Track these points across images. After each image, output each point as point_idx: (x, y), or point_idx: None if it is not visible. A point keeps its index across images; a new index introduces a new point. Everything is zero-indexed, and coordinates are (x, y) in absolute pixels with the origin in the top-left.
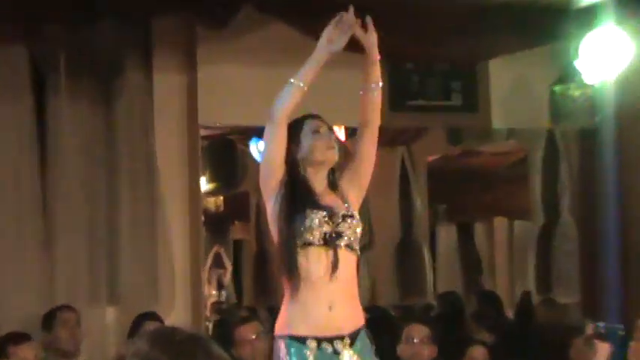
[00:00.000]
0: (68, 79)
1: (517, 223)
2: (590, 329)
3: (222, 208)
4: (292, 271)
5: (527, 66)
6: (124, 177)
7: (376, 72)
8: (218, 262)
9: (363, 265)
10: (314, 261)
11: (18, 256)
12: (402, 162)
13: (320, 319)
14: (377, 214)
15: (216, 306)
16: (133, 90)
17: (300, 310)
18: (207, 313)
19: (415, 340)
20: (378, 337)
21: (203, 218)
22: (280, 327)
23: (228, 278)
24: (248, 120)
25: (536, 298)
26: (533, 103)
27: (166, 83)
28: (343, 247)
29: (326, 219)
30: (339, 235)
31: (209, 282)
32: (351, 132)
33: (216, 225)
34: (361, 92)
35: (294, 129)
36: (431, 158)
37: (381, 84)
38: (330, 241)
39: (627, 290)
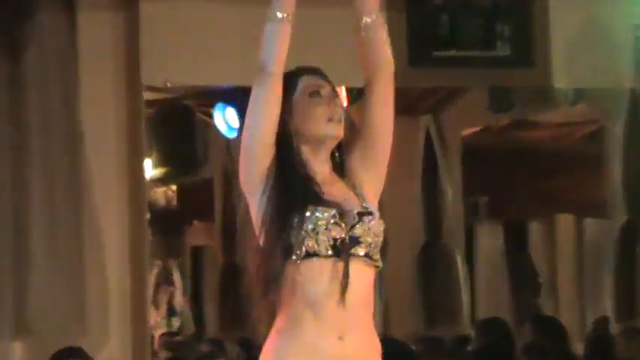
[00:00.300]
0: None
1: (589, 221)
2: None
3: (174, 203)
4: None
5: (602, 3)
6: (35, 158)
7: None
8: (168, 279)
9: (374, 282)
10: (318, 278)
11: None
12: (427, 137)
13: (327, 354)
14: (392, 211)
15: (167, 338)
16: (48, 36)
17: (297, 343)
18: (155, 347)
19: None
20: None
21: (148, 216)
22: None
23: (181, 300)
24: (211, 79)
25: (615, 327)
26: (610, 53)
27: (95, 26)
28: (360, 258)
29: (336, 219)
30: (356, 242)
31: (156, 306)
32: (355, 95)
33: (166, 226)
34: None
35: (285, 89)
36: (467, 132)
37: (376, 16)
38: (343, 250)
39: None
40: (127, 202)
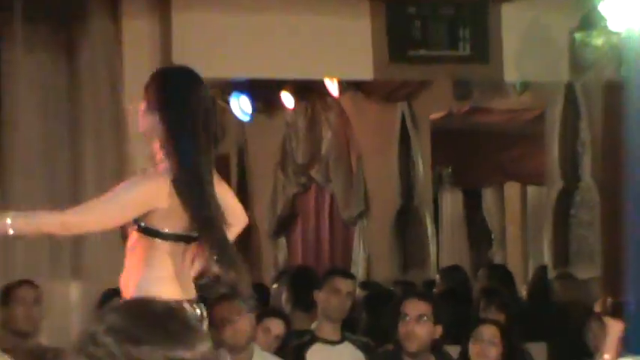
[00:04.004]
0: (25, 26)
1: (531, 188)
2: (598, 306)
3: None
4: None
5: (544, 10)
6: (89, 138)
7: None
8: None
9: (358, 237)
10: None
11: None
12: (403, 119)
13: None
14: (373, 179)
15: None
16: (98, 38)
17: None
18: None
19: (409, 318)
20: (375, 315)
21: None
22: None
23: None
24: (228, 72)
25: (552, 273)
26: (551, 52)
27: (136, 30)
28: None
29: None
30: None
31: None
32: (346, 86)
33: None
34: None
35: None
36: (435, 115)
37: None
38: None
39: None
40: None
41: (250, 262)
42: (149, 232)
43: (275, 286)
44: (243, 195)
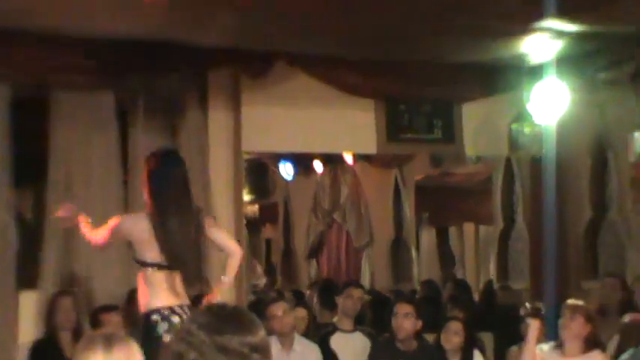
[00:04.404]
0: (144, 116)
1: (482, 227)
2: (522, 310)
3: (257, 214)
4: None
5: (491, 108)
6: None
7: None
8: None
9: (365, 259)
10: None
11: None
12: (396, 180)
13: None
14: (376, 220)
15: (253, 288)
16: (192, 125)
17: None
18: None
19: (399, 315)
20: (377, 313)
21: (244, 221)
22: None
23: (260, 267)
24: (278, 147)
25: (496, 285)
26: (495, 136)
27: (217, 119)
28: None
29: None
30: None
31: (250, 270)
32: (357, 157)
33: (253, 226)
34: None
35: None
36: (417, 177)
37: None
38: None
39: (563, 279)
40: (234, 214)
41: (292, 276)
42: (139, 262)
43: (308, 292)
44: (287, 230)
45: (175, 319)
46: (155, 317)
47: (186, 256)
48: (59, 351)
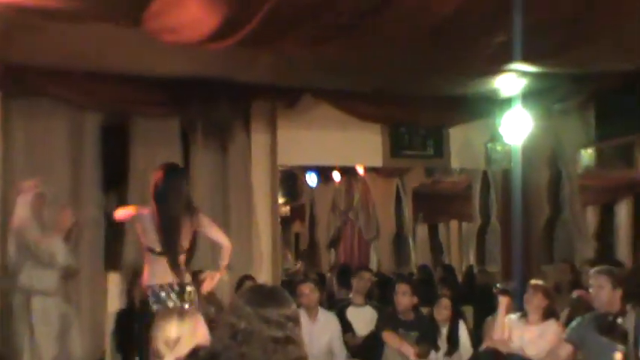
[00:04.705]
0: (202, 138)
1: (464, 224)
2: (495, 289)
3: (289, 213)
4: None
5: (471, 131)
6: (233, 195)
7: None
8: (286, 245)
9: (373, 248)
10: None
11: None
12: (397, 187)
13: None
14: (381, 218)
15: (285, 272)
16: (238, 144)
17: None
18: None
19: (399, 293)
20: (382, 290)
21: (279, 219)
22: None
23: (292, 255)
24: (306, 161)
25: (475, 269)
26: (474, 153)
27: (258, 140)
28: None
29: None
30: None
31: (283, 257)
32: (367, 169)
33: (285, 223)
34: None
35: None
36: (414, 185)
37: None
38: None
39: (527, 264)
40: (271, 213)
41: (316, 262)
42: (147, 249)
43: (329, 274)
44: (312, 226)
45: (163, 293)
46: (149, 291)
47: (171, 248)
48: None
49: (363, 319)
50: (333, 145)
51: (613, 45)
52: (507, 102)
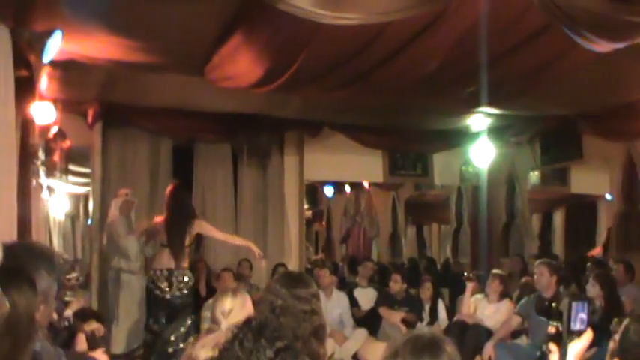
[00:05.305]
0: (247, 159)
1: (443, 226)
2: (464, 276)
3: (311, 217)
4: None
5: (450, 156)
6: (270, 203)
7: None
8: (308, 240)
9: (374, 244)
10: None
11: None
12: (393, 198)
13: None
14: (381, 221)
15: (307, 261)
16: (275, 165)
17: None
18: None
19: (393, 279)
20: (382, 276)
21: (304, 222)
22: None
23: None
24: (324, 177)
25: (451, 260)
26: (452, 173)
27: (290, 161)
28: None
29: None
30: None
31: (307, 249)
32: (371, 184)
33: (308, 224)
34: None
35: None
36: (406, 196)
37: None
38: None
39: (489, 257)
40: (298, 217)
41: (331, 253)
42: (161, 244)
43: (341, 263)
44: (329, 226)
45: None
46: (151, 273)
47: (174, 243)
48: (197, 292)
49: (366, 297)
50: (346, 166)
51: (554, 95)
52: (476, 135)
